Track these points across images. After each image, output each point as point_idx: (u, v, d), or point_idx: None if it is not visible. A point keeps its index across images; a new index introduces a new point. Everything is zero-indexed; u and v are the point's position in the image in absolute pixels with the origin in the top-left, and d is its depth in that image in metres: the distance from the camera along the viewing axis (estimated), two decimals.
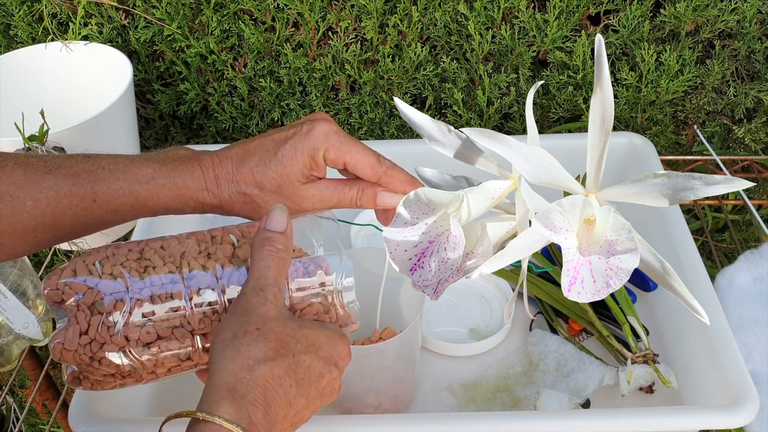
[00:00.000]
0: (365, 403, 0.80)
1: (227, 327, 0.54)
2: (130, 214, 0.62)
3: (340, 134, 0.63)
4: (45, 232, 0.60)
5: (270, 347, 0.52)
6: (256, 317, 0.53)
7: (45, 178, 0.59)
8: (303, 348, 0.54)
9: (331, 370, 0.56)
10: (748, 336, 0.85)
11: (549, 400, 0.80)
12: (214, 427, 0.49)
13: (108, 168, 0.61)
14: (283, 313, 0.55)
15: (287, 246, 0.57)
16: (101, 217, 0.61)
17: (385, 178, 0.64)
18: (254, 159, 0.63)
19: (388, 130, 1.27)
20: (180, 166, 0.63)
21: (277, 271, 0.56)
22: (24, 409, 0.96)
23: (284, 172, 0.62)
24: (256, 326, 0.53)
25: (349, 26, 1.20)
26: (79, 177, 0.60)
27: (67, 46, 1.17)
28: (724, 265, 0.95)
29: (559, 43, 1.18)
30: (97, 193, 0.60)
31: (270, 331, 0.53)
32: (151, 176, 0.62)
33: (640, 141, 1.02)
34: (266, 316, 0.54)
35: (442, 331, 0.93)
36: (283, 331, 0.54)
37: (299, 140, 0.62)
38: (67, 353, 0.55)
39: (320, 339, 0.56)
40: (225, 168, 0.63)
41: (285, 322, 0.54)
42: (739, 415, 0.69)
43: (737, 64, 1.21)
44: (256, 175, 0.63)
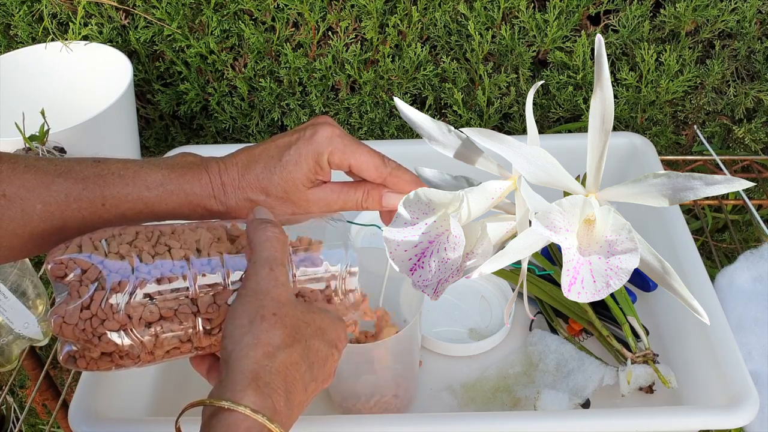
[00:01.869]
0: (365, 403, 0.80)
1: (242, 312, 0.53)
2: (137, 219, 0.62)
3: (343, 137, 0.63)
4: (53, 234, 0.60)
5: (287, 333, 0.52)
6: (270, 301, 0.53)
7: (55, 181, 0.60)
8: (312, 332, 0.54)
9: (333, 353, 0.56)
10: (748, 336, 0.85)
11: (549, 400, 0.80)
12: (240, 416, 0.48)
13: (117, 173, 0.61)
14: (292, 295, 0.55)
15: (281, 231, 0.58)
16: (108, 221, 0.61)
17: (390, 178, 0.65)
18: (259, 165, 0.63)
19: (388, 130, 1.27)
20: (188, 173, 0.63)
21: (282, 252, 0.56)
22: (24, 409, 0.96)
23: (289, 177, 0.63)
24: (272, 311, 0.53)
25: (349, 26, 1.20)
26: (89, 181, 0.60)
27: (67, 46, 1.17)
28: (724, 265, 0.95)
29: (559, 43, 1.18)
30: (106, 198, 0.61)
31: (285, 315, 0.53)
32: (160, 182, 0.62)
33: (640, 141, 1.02)
34: (280, 299, 0.54)
35: (442, 331, 0.93)
36: (296, 316, 0.54)
37: (303, 145, 0.63)
38: (67, 327, 0.54)
39: (325, 322, 0.56)
40: (231, 175, 0.63)
41: (295, 305, 0.55)
42: (739, 415, 0.69)
43: (737, 64, 1.21)
44: (261, 182, 0.63)
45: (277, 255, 0.56)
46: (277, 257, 0.56)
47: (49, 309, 0.92)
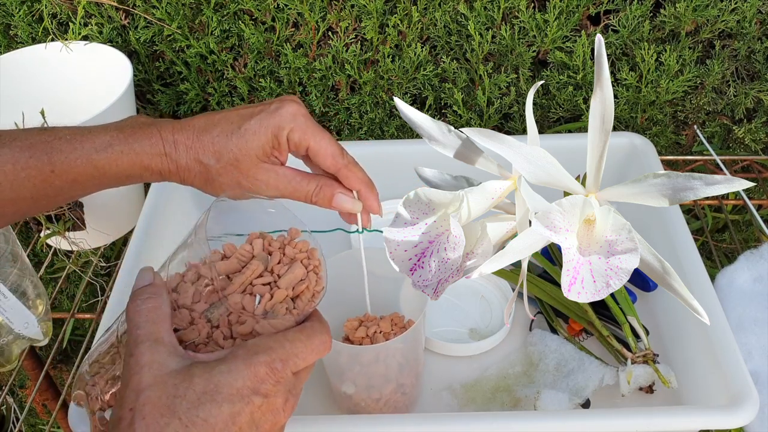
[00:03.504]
0: (367, 403, 0.80)
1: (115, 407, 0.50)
2: (90, 184, 0.61)
3: (307, 118, 0.63)
4: (6, 206, 0.60)
5: (147, 423, 0.46)
6: (129, 393, 0.48)
7: (0, 152, 0.59)
8: (191, 403, 0.47)
9: (248, 402, 0.49)
10: (748, 336, 0.85)
11: (549, 400, 0.80)
12: None
13: (65, 138, 0.61)
14: (161, 371, 0.49)
15: (155, 292, 0.53)
16: (61, 189, 0.60)
17: (344, 171, 0.64)
18: (217, 129, 0.62)
19: (388, 130, 1.27)
20: (138, 131, 0.62)
21: (150, 321, 0.51)
22: (24, 409, 0.96)
23: (245, 146, 0.62)
24: (129, 407, 0.47)
25: (349, 26, 1.20)
26: (36, 149, 0.59)
27: (67, 46, 1.17)
28: (724, 265, 0.95)
29: (559, 43, 1.18)
30: (54, 163, 0.60)
31: (144, 404, 0.47)
32: (108, 143, 0.61)
33: (640, 141, 1.02)
34: (138, 387, 0.48)
35: (442, 331, 0.93)
36: (162, 396, 0.47)
37: (265, 117, 0.62)
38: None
39: (212, 381, 0.49)
40: (186, 134, 0.62)
41: (164, 383, 0.48)
42: (739, 415, 0.69)
43: (737, 64, 1.21)
44: (216, 145, 0.62)
45: (140, 333, 0.51)
46: (139, 336, 0.50)
47: (49, 309, 0.92)
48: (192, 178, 0.63)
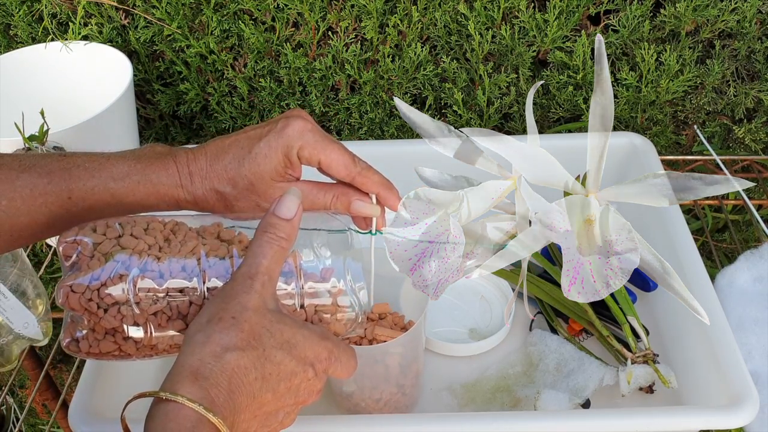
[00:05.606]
0: (367, 403, 0.80)
1: (205, 311, 0.54)
2: (106, 212, 0.62)
3: (315, 132, 0.63)
4: (21, 230, 0.60)
5: (241, 337, 0.52)
6: (235, 305, 0.53)
7: (20, 177, 0.59)
8: (276, 343, 0.53)
9: (306, 370, 0.55)
10: (748, 336, 0.85)
11: (549, 400, 0.80)
12: (177, 405, 0.49)
13: (83, 166, 0.61)
14: (265, 304, 0.54)
15: (290, 235, 0.56)
16: (77, 215, 0.61)
17: (359, 178, 0.64)
18: (228, 156, 0.63)
19: (388, 130, 1.27)
20: (155, 162, 0.63)
21: (273, 260, 0.55)
22: (24, 409, 0.96)
23: (258, 170, 0.62)
24: (231, 314, 0.52)
25: (349, 26, 1.20)
26: (54, 175, 0.60)
27: (67, 46, 1.17)
28: (724, 265, 0.95)
29: (559, 43, 1.18)
30: (72, 191, 0.60)
31: (245, 321, 0.52)
32: (126, 173, 0.61)
33: (640, 141, 1.02)
34: (246, 305, 0.53)
35: (442, 331, 0.93)
36: (259, 323, 0.53)
37: (273, 138, 0.62)
38: (73, 296, 0.54)
39: (296, 337, 0.54)
40: (199, 164, 0.63)
41: (264, 313, 0.53)
42: (739, 415, 0.69)
43: (737, 64, 1.21)
44: (229, 172, 0.62)
45: (262, 263, 0.55)
46: (261, 266, 0.54)
47: (48, 309, 0.92)
48: (211, 206, 0.64)
